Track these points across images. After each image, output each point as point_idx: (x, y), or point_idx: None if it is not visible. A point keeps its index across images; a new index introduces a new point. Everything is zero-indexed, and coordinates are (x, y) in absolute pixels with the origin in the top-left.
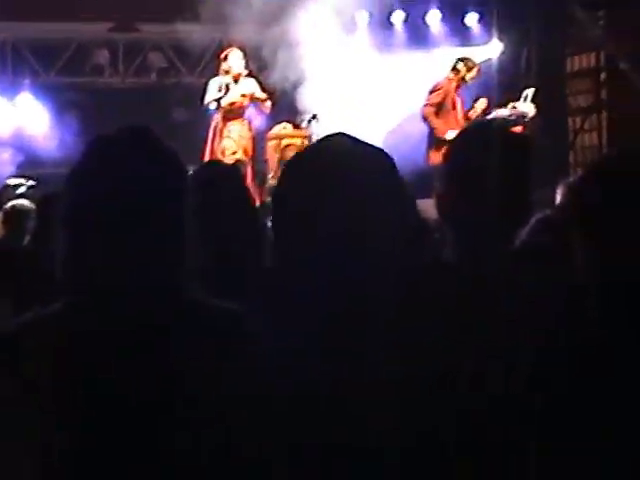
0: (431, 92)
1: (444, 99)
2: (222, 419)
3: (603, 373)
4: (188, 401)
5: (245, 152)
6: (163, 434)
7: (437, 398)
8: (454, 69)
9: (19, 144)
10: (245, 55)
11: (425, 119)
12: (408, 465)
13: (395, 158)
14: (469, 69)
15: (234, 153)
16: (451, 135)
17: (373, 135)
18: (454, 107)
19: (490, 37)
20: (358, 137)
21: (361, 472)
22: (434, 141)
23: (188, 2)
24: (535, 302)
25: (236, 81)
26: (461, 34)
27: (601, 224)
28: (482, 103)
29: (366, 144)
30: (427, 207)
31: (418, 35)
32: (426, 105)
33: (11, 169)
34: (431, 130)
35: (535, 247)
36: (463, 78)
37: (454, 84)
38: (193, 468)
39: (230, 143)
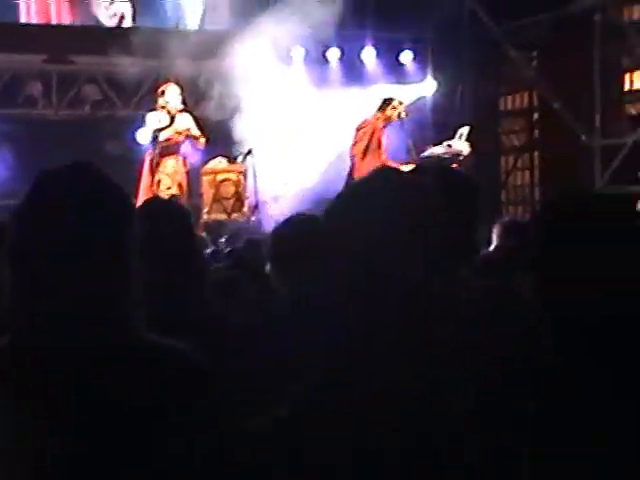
0: (358, 129)
1: (371, 139)
2: None
3: (563, 396)
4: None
5: (180, 187)
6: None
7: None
8: (380, 109)
9: None
10: (182, 90)
11: (352, 158)
12: (404, 470)
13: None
14: (394, 108)
15: (169, 188)
16: None
17: (307, 171)
18: (379, 146)
19: (425, 75)
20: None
21: (361, 475)
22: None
23: (123, 34)
24: (493, 331)
25: (172, 117)
26: (396, 71)
27: (547, 262)
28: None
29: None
30: None
31: (354, 72)
32: (354, 144)
33: None
34: (351, 170)
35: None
36: (389, 118)
37: (381, 123)
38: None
39: (165, 178)
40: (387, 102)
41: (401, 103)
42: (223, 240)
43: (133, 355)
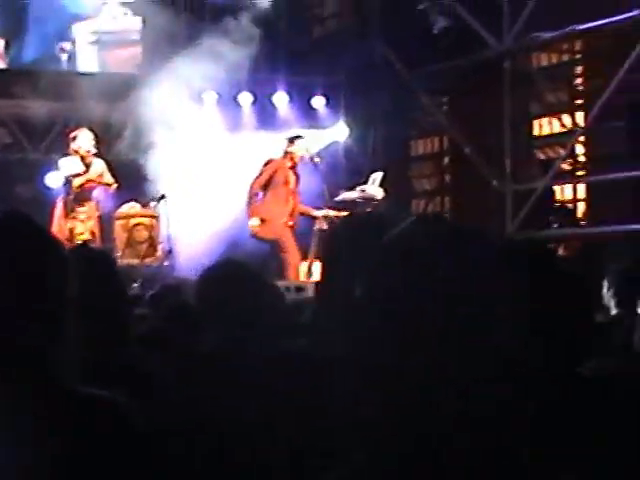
0: (264, 165)
1: (273, 175)
2: None
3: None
4: None
5: (92, 233)
6: None
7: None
8: (285, 146)
9: None
10: (95, 135)
11: (249, 192)
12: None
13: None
14: (291, 142)
15: (81, 234)
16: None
17: (219, 214)
18: (286, 182)
19: (337, 119)
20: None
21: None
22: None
23: (33, 78)
24: None
25: (86, 163)
26: (308, 116)
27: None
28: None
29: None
30: None
31: (266, 116)
32: (255, 179)
33: None
34: (247, 205)
35: None
36: (293, 155)
37: (287, 162)
38: None
39: (78, 225)
40: (290, 140)
41: (299, 139)
42: (137, 284)
43: (67, 407)
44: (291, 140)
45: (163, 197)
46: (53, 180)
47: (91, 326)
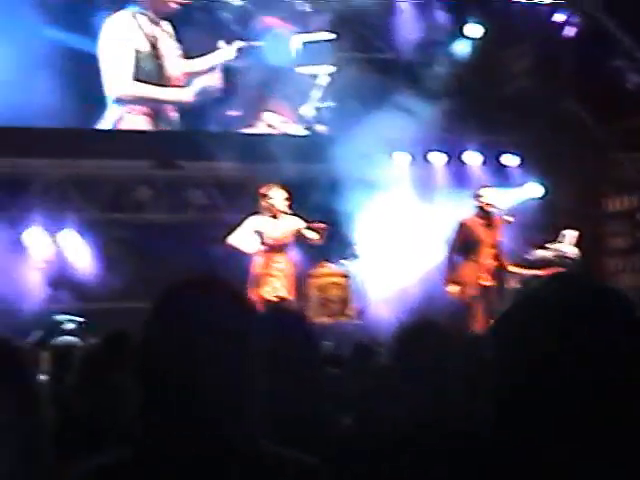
0: (457, 227)
1: (467, 235)
2: None
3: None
4: None
5: (288, 291)
6: None
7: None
8: (475, 204)
9: (62, 279)
10: (288, 193)
11: (447, 254)
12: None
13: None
14: (479, 196)
15: (277, 290)
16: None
17: (411, 274)
18: (481, 241)
19: (529, 178)
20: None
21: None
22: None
23: (226, 140)
24: None
25: (278, 220)
26: (500, 174)
27: None
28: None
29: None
30: None
31: (457, 175)
32: (451, 242)
33: (55, 305)
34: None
35: None
36: (483, 207)
37: (479, 219)
38: None
39: (274, 281)
40: (477, 195)
41: (486, 187)
42: (329, 344)
43: (259, 465)
44: (479, 194)
45: (355, 256)
46: (241, 239)
47: (286, 384)
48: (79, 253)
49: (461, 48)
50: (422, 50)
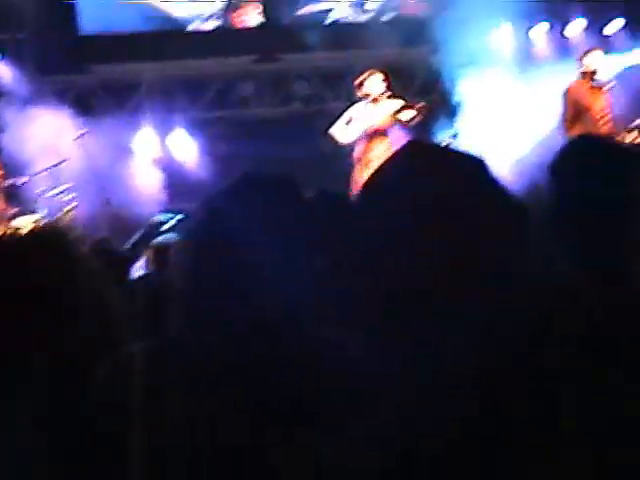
0: (563, 97)
1: (576, 103)
2: None
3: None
4: None
5: None
6: None
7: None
8: (579, 69)
9: (172, 176)
10: (386, 76)
11: (560, 130)
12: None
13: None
14: (583, 59)
15: None
16: None
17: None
18: (590, 107)
19: (635, 44)
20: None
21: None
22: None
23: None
24: None
25: (378, 105)
26: (604, 42)
27: None
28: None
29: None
30: None
31: (560, 45)
32: (561, 116)
33: (163, 198)
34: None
35: None
36: (586, 71)
37: (586, 84)
38: None
39: (375, 161)
40: (581, 58)
41: (592, 50)
42: None
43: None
44: (582, 58)
45: (455, 136)
46: (342, 129)
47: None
48: (188, 153)
49: None
50: None
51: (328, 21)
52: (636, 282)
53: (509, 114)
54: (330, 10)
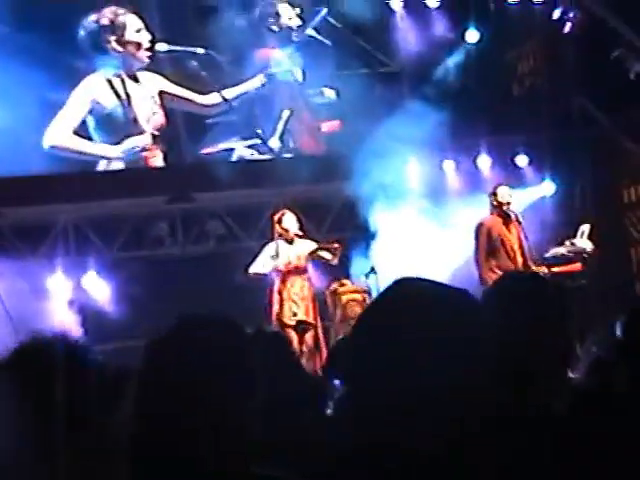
0: (476, 231)
1: (489, 237)
2: None
3: None
4: None
5: (307, 312)
6: None
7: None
8: (491, 204)
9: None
10: (297, 216)
11: (477, 263)
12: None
13: None
14: (493, 195)
15: (295, 314)
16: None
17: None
18: (504, 240)
19: (541, 177)
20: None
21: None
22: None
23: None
24: None
25: (291, 243)
26: (512, 175)
27: None
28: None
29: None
30: None
31: (470, 180)
32: (476, 250)
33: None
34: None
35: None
36: (500, 206)
37: (498, 218)
38: None
39: (292, 305)
40: (492, 194)
41: (499, 186)
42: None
43: None
44: (492, 193)
45: (373, 271)
46: (260, 266)
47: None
48: (103, 294)
49: (463, 54)
50: (424, 60)
51: (233, 158)
52: None
53: (423, 247)
54: (232, 149)
